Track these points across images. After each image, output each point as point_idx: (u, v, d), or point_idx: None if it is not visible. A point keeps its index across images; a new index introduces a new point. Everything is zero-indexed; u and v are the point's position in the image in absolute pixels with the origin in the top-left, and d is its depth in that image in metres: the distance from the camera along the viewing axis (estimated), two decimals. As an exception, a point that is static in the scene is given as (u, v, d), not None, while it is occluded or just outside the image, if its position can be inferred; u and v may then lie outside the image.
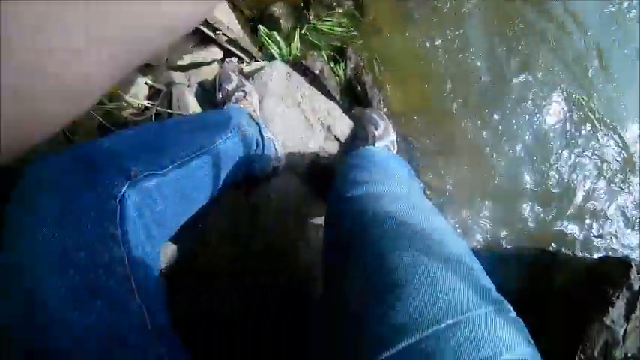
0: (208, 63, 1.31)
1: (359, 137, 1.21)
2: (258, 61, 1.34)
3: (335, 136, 1.21)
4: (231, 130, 0.84)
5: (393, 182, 0.68)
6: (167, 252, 0.95)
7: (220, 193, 0.81)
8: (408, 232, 0.53)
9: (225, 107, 1.02)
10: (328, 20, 1.50)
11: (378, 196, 0.63)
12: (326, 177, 1.15)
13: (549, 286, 1.02)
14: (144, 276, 0.51)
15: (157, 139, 0.64)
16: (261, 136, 0.95)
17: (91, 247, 0.46)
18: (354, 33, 1.53)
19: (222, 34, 1.28)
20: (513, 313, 0.47)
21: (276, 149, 1.03)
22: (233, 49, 1.30)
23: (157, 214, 0.58)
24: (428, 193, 1.40)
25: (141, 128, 0.66)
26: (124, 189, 0.52)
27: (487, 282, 0.50)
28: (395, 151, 1.22)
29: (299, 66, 1.30)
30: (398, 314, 0.43)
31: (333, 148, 1.21)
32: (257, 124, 0.96)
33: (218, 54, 1.30)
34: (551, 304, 0.98)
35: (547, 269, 1.07)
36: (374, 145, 1.13)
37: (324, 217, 0.93)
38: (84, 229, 0.47)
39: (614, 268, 0.94)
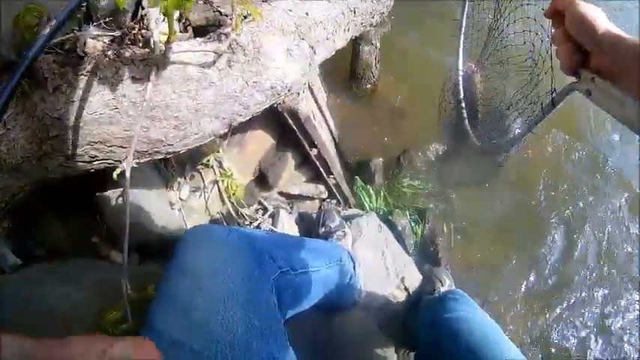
0: (312, 198, 1.59)
1: (425, 290, 1.37)
2: (351, 207, 1.61)
3: (405, 287, 1.38)
4: (336, 260, 1.04)
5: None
6: None
7: (309, 313, 0.98)
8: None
9: (327, 241, 1.25)
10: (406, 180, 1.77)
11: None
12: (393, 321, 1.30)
13: None
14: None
15: (292, 247, 0.87)
16: (355, 271, 1.14)
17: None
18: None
19: (333, 177, 1.58)
20: None
21: (360, 285, 1.21)
22: (337, 192, 1.58)
23: (290, 299, 0.80)
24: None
25: (279, 235, 0.90)
26: (275, 275, 0.75)
27: None
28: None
29: (387, 220, 1.54)
30: None
31: (401, 296, 1.37)
32: (353, 260, 1.16)
33: (323, 193, 1.58)
34: None
35: None
36: None
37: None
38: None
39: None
